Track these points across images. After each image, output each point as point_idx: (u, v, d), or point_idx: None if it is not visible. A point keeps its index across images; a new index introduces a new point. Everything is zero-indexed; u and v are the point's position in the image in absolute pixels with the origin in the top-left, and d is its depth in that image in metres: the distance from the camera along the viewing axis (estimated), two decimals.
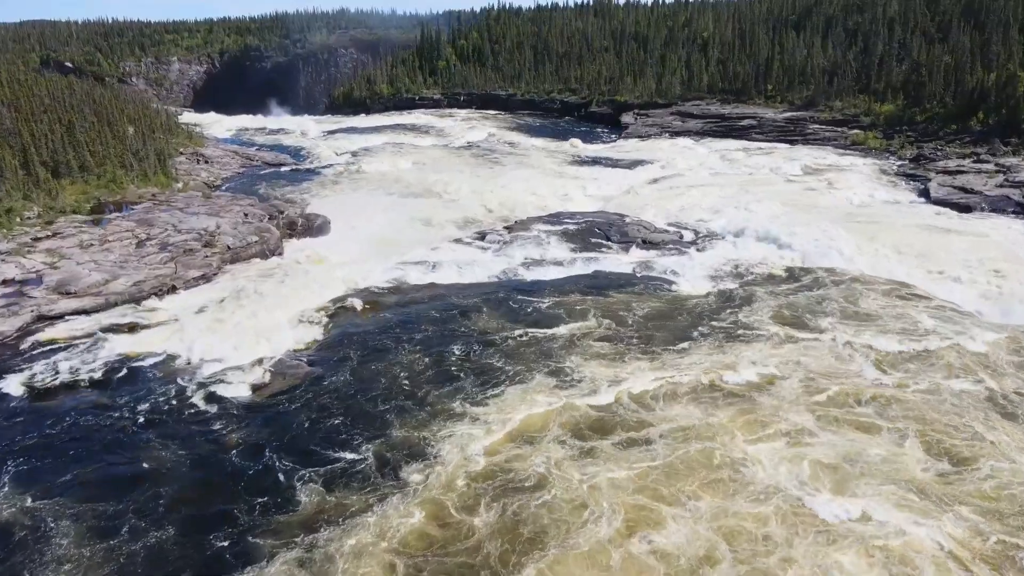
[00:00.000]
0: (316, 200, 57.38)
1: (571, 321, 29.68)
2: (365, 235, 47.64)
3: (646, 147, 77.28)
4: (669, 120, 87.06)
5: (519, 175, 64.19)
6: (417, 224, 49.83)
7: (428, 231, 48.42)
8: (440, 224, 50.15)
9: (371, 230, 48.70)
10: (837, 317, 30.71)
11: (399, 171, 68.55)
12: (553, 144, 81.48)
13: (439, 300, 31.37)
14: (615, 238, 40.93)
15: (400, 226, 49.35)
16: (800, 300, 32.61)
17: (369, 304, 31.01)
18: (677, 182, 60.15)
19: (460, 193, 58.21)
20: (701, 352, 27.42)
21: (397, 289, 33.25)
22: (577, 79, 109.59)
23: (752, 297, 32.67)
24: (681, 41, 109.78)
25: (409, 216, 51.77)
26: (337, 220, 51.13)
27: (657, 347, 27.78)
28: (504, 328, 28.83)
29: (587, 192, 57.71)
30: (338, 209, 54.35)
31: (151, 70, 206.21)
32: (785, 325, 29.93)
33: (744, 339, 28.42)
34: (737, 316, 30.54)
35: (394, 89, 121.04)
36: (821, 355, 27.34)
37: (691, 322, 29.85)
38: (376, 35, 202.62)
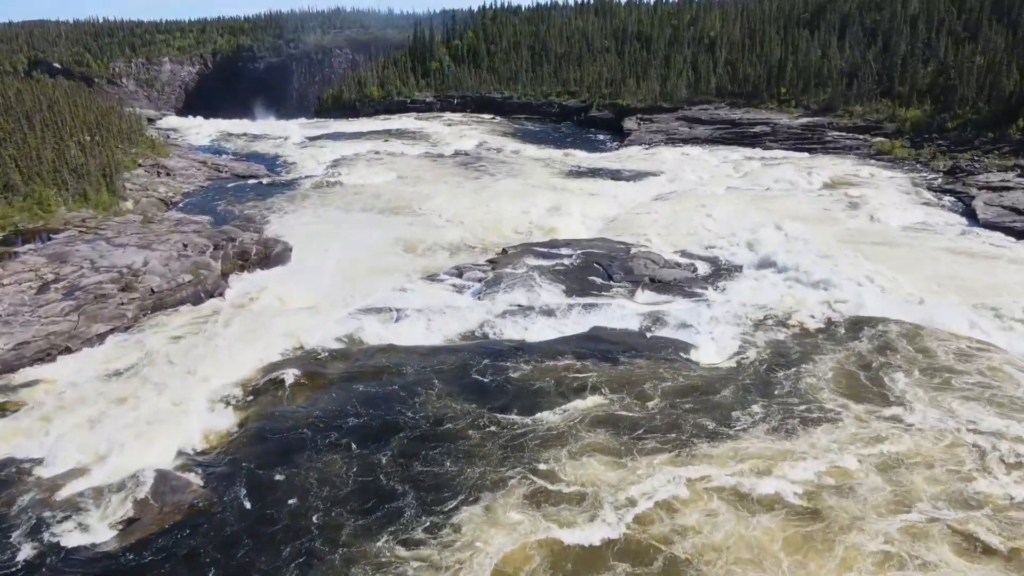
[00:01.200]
0: (281, 220, 50.52)
1: (562, 400, 22.75)
2: (328, 266, 40.71)
3: (651, 157, 70.24)
4: (675, 126, 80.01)
5: (510, 190, 57.23)
6: (390, 252, 42.90)
7: (401, 261, 41.48)
8: (416, 252, 43.22)
9: (336, 259, 41.75)
10: (908, 384, 23.78)
11: (380, 184, 61.66)
12: (550, 153, 74.45)
13: (395, 372, 24.36)
14: (618, 276, 33.93)
15: (370, 255, 42.43)
16: (853, 361, 25.66)
17: (307, 377, 24.00)
18: (687, 199, 53.10)
19: (443, 212, 51.24)
20: (739, 441, 20.47)
21: (346, 353, 26.22)
22: (576, 81, 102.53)
23: (792, 358, 25.74)
24: (686, 41, 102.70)
25: (382, 241, 44.87)
26: (301, 246, 44.28)
27: (678, 436, 20.84)
28: (474, 414, 21.91)
29: (586, 211, 50.62)
30: (304, 231, 47.55)
31: (142, 71, 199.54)
32: (844, 397, 22.99)
33: (795, 421, 21.43)
34: (779, 387, 23.58)
35: (385, 92, 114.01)
36: (904, 440, 20.50)
37: (719, 398, 22.91)
38: (372, 35, 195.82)
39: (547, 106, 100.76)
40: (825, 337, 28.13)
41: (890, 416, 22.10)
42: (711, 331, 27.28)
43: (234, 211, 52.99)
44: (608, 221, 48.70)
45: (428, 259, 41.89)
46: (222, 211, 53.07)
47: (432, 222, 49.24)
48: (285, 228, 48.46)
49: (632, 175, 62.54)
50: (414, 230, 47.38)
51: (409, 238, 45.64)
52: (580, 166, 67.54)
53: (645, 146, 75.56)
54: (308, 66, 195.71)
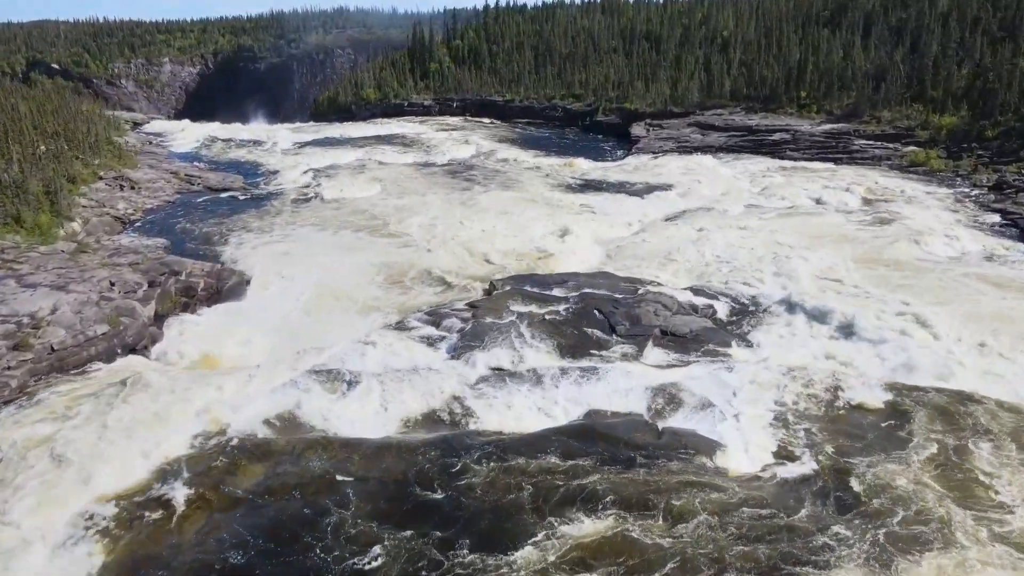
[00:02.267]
0: (246, 241, 44.52)
1: (546, 526, 16.64)
2: (287, 302, 34.77)
3: (661, 167, 63.84)
4: (687, 133, 73.58)
5: (505, 207, 51.04)
6: (361, 284, 36.79)
7: (373, 295, 35.37)
8: (391, 283, 37.15)
9: (298, 293, 35.78)
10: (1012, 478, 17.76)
11: (362, 199, 55.61)
12: (551, 162, 68.15)
13: (325, 484, 18.14)
14: (622, 327, 27.66)
15: (338, 286, 36.43)
16: (935, 452, 19.51)
17: (207, 493, 17.84)
18: (701, 218, 46.77)
19: (427, 233, 45.13)
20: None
21: (270, 448, 19.97)
22: (582, 83, 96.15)
23: (855, 452, 19.58)
24: (698, 41, 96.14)
25: (354, 269, 38.79)
26: (262, 275, 38.45)
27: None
28: (420, 554, 15.82)
29: (587, 234, 44.43)
30: (270, 256, 41.63)
31: (141, 71, 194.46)
32: (945, 504, 16.85)
33: (893, 550, 15.33)
34: (850, 501, 17.45)
35: (381, 94, 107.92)
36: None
37: (765, 529, 16.73)
38: (375, 34, 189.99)
39: (550, 110, 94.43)
40: (890, 416, 21.83)
41: (1008, 529, 15.96)
42: (739, 420, 20.85)
43: (196, 231, 47.03)
44: (612, 247, 42.42)
45: (403, 293, 35.78)
46: (183, 231, 47.13)
47: (413, 246, 43.10)
48: (249, 252, 42.54)
49: (640, 189, 56.23)
50: (391, 256, 41.30)
51: (384, 266, 39.59)
52: (583, 178, 61.26)
53: (654, 155, 69.18)
54: (309, 66, 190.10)
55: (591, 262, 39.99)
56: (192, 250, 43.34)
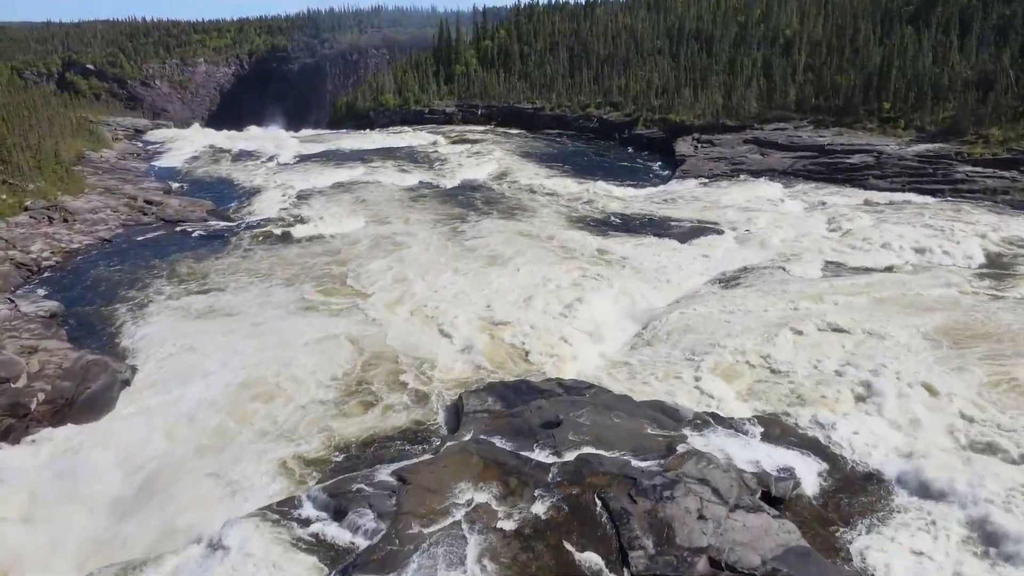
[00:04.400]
0: (160, 307, 33.52)
1: None
2: (162, 431, 23.61)
3: (711, 198, 50.94)
4: (742, 151, 60.43)
5: (509, 251, 39.15)
6: (286, 392, 25.45)
7: (294, 418, 24.01)
8: (327, 388, 25.66)
9: (184, 411, 24.56)
10: None
11: (340, 236, 44.46)
12: (579, 188, 55.80)
13: None
14: (640, 552, 15.47)
15: (249, 396, 25.18)
16: None
17: None
18: (766, 282, 34.06)
19: (400, 299, 33.56)
20: None
21: None
22: (621, 90, 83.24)
23: None
24: (756, 41, 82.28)
25: (285, 361, 27.51)
26: (150, 371, 27.58)
27: None
28: None
29: (607, 303, 32.30)
30: (176, 335, 30.59)
31: (175, 72, 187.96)
32: None
33: None
34: None
35: (401, 99, 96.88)
36: None
37: None
38: (409, 34, 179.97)
39: (584, 120, 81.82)
40: None
41: None
42: None
43: (109, 285, 36.29)
44: (639, 327, 30.16)
45: (339, 412, 24.30)
46: (90, 287, 36.42)
47: (377, 320, 31.56)
48: (156, 325, 31.57)
49: (683, 230, 43.66)
50: (348, 332, 29.90)
51: (332, 351, 28.29)
52: (613, 211, 48.87)
53: (703, 179, 56.30)
54: (342, 67, 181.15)
55: (610, 355, 27.88)
56: (86, 318, 32.68)
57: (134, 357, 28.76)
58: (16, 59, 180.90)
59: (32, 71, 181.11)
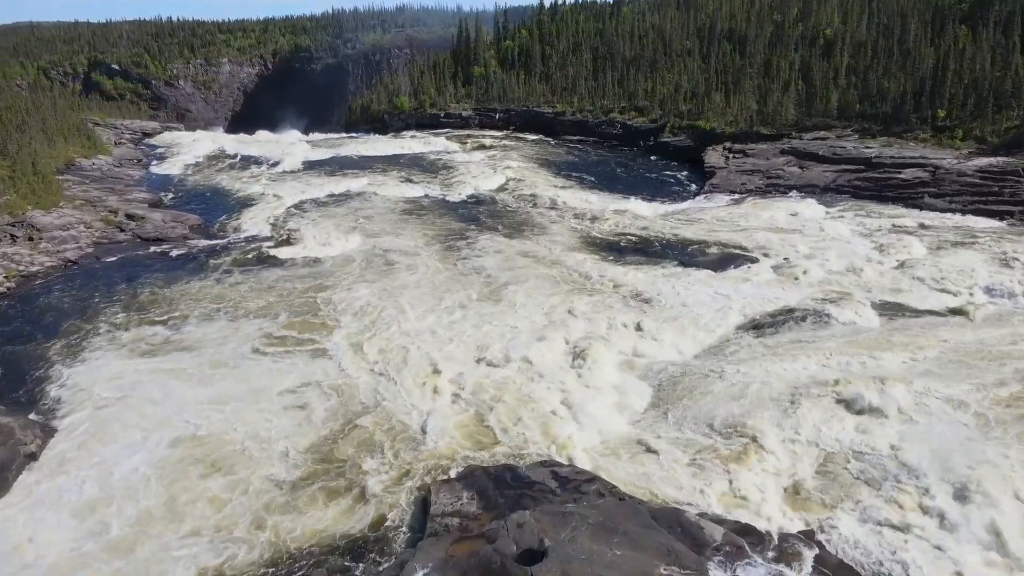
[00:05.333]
0: (103, 352, 29.07)
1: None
2: (51, 530, 19.01)
3: (744, 218, 45.20)
4: (779, 163, 54.52)
5: (505, 284, 34.03)
6: (223, 468, 20.79)
7: (225, 512, 19.31)
8: (276, 473, 20.89)
9: (91, 496, 20.01)
10: None
11: (327, 260, 39.82)
12: (597, 203, 50.45)
13: None
14: None
15: (179, 475, 20.57)
16: None
17: None
18: (809, 330, 28.46)
19: (375, 349, 28.63)
20: None
21: None
22: (647, 93, 77.49)
23: None
24: (793, 41, 76.02)
25: (229, 426, 22.87)
26: (68, 441, 23.11)
27: None
28: None
29: (615, 355, 27.10)
30: (115, 381, 26.25)
31: (200, 72, 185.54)
32: None
33: None
34: None
35: (417, 102, 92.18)
36: None
37: None
38: (434, 33, 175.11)
39: (607, 125, 76.28)
40: None
41: None
42: None
43: (51, 323, 31.91)
44: (658, 391, 24.82)
45: (274, 509, 19.48)
46: (35, 319, 32.13)
47: (350, 372, 26.72)
48: (93, 370, 27.17)
49: (712, 257, 38.16)
50: (304, 396, 25.11)
51: (285, 416, 23.58)
52: (634, 232, 43.45)
53: (734, 195, 50.62)
54: (365, 67, 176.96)
55: (614, 429, 22.64)
56: (14, 361, 28.45)
57: (55, 413, 24.34)
58: (43, 59, 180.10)
59: (58, 71, 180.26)
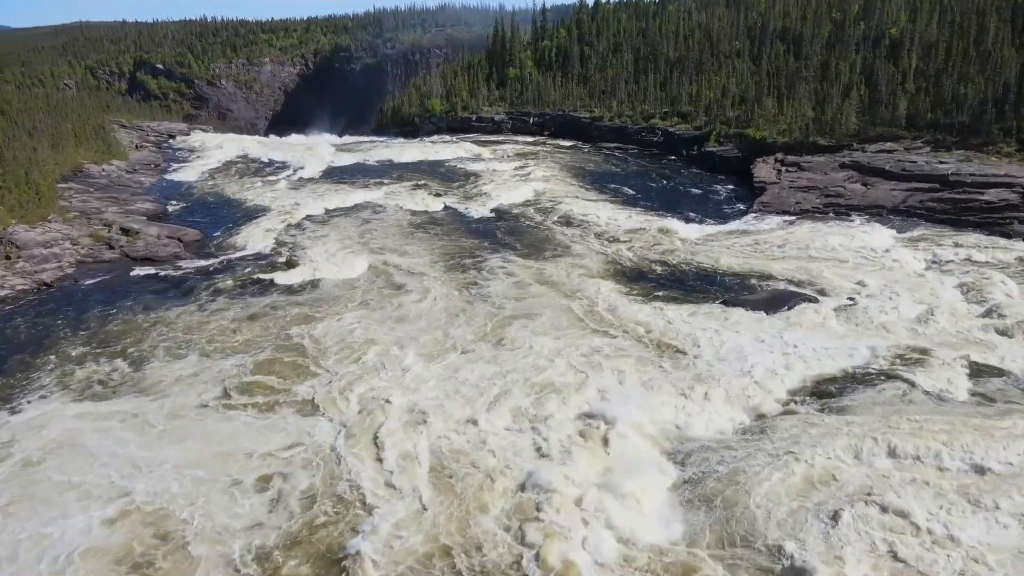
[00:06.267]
0: (50, 385, 25.24)
1: None
2: None
3: (798, 243, 39.32)
4: (839, 180, 48.27)
5: (514, 333, 28.98)
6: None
7: None
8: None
9: None
10: None
11: (328, 282, 35.53)
12: (632, 221, 45.10)
13: None
14: None
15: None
16: None
17: None
18: (883, 403, 22.78)
19: (359, 411, 23.99)
20: None
21: None
22: (691, 98, 71.50)
23: None
24: (855, 42, 69.16)
25: (165, 514, 18.63)
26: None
27: None
28: None
29: (645, 434, 21.93)
30: (45, 435, 22.19)
31: (242, 71, 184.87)
32: None
33: None
34: None
35: (448, 105, 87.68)
36: None
37: None
38: (475, 33, 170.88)
39: (647, 132, 70.52)
40: None
41: None
42: None
43: (2, 353, 28.18)
44: (692, 485, 19.55)
45: None
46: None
47: (324, 446, 22.14)
48: (19, 423, 23.11)
49: (761, 293, 32.58)
50: (261, 471, 20.71)
51: (231, 501, 19.27)
52: (671, 258, 38.03)
53: (787, 216, 44.65)
54: (404, 67, 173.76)
55: (634, 545, 17.49)
56: None
57: None
58: (90, 58, 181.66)
59: (105, 70, 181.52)
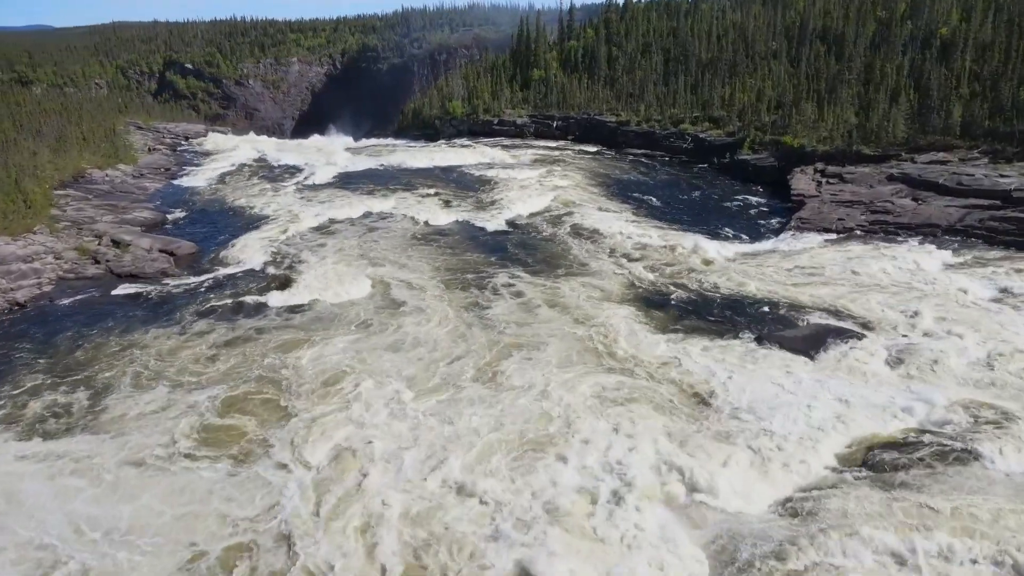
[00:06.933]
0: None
1: None
2: None
3: (843, 267, 35.10)
4: (886, 194, 43.88)
5: (516, 369, 25.47)
6: None
7: None
8: None
9: None
10: None
11: (321, 305, 32.44)
12: (655, 236, 41.32)
13: None
14: None
15: None
16: None
17: None
18: (951, 480, 18.85)
19: (331, 472, 20.74)
20: None
21: None
22: (724, 102, 67.24)
23: None
24: (901, 42, 64.31)
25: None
26: None
27: None
28: None
29: (673, 495, 18.38)
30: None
31: (269, 71, 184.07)
32: None
33: None
34: None
35: (469, 107, 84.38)
36: None
37: None
38: (502, 32, 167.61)
39: (676, 138, 66.44)
40: None
41: None
42: None
43: None
44: (718, 569, 16.04)
45: None
46: None
47: (286, 520, 18.91)
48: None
49: (801, 328, 28.62)
50: (207, 541, 17.58)
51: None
52: (698, 283, 34.17)
53: (830, 233, 40.47)
54: (431, 67, 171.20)
55: None
56: None
57: None
58: (122, 58, 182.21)
59: (135, 70, 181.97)
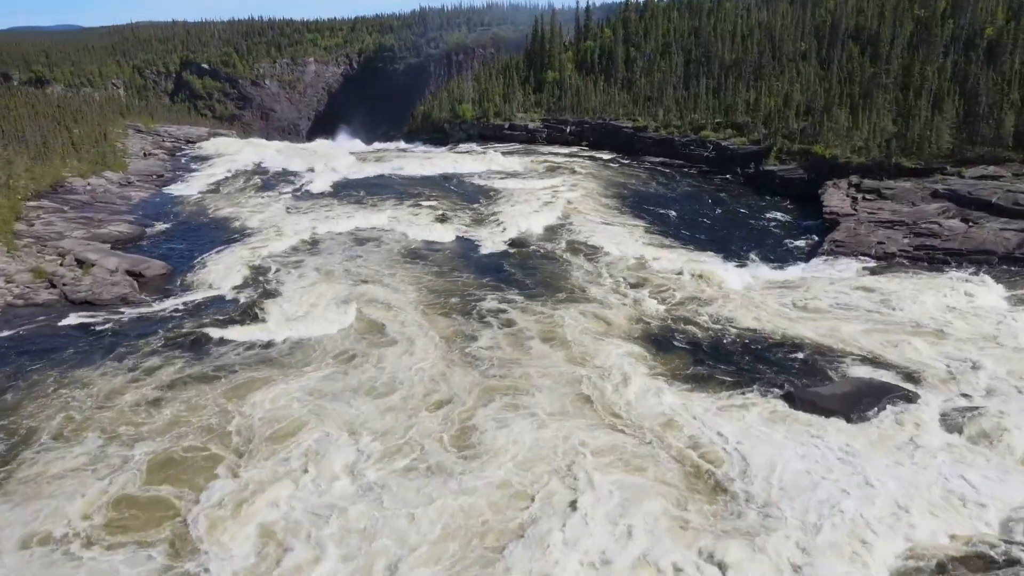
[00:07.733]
0: None
1: None
2: None
3: (883, 302, 30.56)
4: (931, 213, 39.07)
5: (494, 424, 21.31)
6: None
7: None
8: None
9: None
10: None
11: (290, 341, 28.62)
12: (668, 259, 36.96)
13: None
14: None
15: None
16: None
17: None
18: None
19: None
20: None
21: None
22: (748, 107, 62.48)
23: None
24: (942, 44, 59.11)
25: None
26: None
27: None
28: None
29: None
30: None
31: (285, 71, 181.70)
32: None
33: None
34: None
35: (480, 110, 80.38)
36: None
37: None
38: (520, 31, 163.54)
39: (696, 145, 61.78)
40: None
41: None
42: None
43: None
44: None
45: None
46: None
47: None
48: None
49: (835, 387, 24.12)
50: None
51: None
52: (710, 321, 29.78)
53: (869, 259, 35.80)
54: (447, 68, 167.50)
55: None
56: None
57: None
58: (139, 58, 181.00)
59: (152, 70, 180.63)
